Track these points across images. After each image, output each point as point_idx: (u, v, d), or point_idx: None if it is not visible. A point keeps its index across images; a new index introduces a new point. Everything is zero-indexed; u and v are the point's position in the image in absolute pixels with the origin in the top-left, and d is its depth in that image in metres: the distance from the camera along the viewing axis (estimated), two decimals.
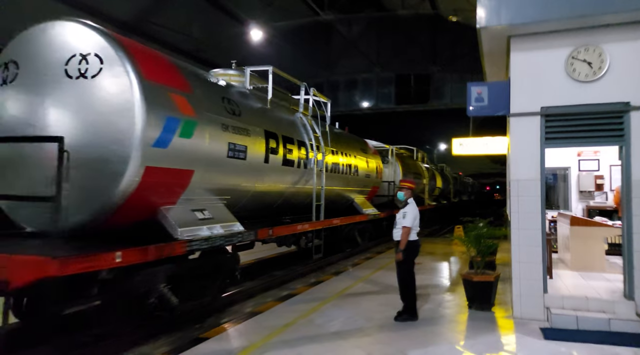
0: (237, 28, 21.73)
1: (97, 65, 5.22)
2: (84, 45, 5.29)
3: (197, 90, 6.47)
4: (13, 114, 5.47)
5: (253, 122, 7.63)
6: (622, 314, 5.59)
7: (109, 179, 5.13)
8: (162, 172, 5.59)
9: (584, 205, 10.41)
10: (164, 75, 5.90)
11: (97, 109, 5.16)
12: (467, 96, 6.58)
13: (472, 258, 6.93)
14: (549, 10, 5.80)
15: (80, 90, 5.22)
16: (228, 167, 6.88)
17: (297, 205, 9.76)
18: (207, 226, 6.23)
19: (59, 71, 5.30)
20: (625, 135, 5.79)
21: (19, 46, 5.58)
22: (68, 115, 5.24)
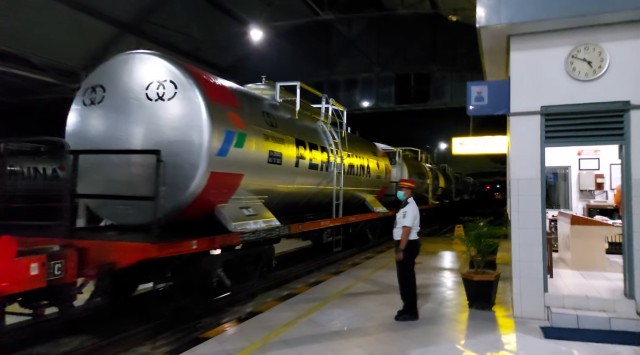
0: (237, 28, 21.71)
1: (172, 90, 6.42)
2: (160, 74, 6.51)
3: (245, 106, 7.71)
4: (101, 129, 6.66)
5: (286, 132, 8.84)
6: (622, 312, 5.59)
7: (182, 183, 6.25)
8: (221, 176, 6.75)
9: (585, 204, 10.41)
10: (222, 96, 7.09)
11: (172, 125, 6.34)
12: (467, 95, 6.58)
13: (472, 257, 6.93)
14: (548, 9, 5.80)
15: (158, 110, 6.43)
16: (268, 171, 8.05)
17: (318, 204, 10.84)
18: (252, 221, 7.39)
19: (140, 95, 6.53)
20: (625, 134, 5.79)
21: (104, 73, 6.84)
22: (148, 131, 6.43)
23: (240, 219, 7.14)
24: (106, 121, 6.66)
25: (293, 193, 9.27)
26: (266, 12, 20.84)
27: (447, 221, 25.72)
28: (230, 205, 7.19)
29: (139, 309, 7.06)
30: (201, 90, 6.45)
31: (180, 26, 19.79)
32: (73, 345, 5.58)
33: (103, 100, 6.71)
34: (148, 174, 6.01)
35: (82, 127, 6.78)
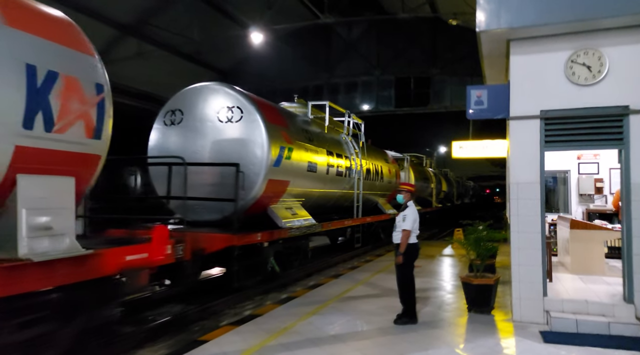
0: (238, 31, 21.74)
1: (239, 114, 8.17)
2: (229, 101, 8.27)
3: (290, 125, 9.40)
4: (179, 145, 8.31)
5: (319, 145, 10.52)
6: (622, 317, 5.58)
7: (248, 188, 7.91)
8: (275, 182, 8.44)
9: (584, 209, 10.41)
10: (276, 118, 8.82)
11: (239, 142, 8.08)
12: (466, 99, 6.59)
13: (471, 261, 6.93)
14: (548, 13, 5.81)
15: (227, 130, 8.17)
16: (306, 178, 9.72)
17: (341, 206, 12.50)
18: (296, 219, 9.10)
19: (213, 118, 8.28)
20: (625, 139, 5.80)
21: (182, 99, 8.56)
22: (220, 146, 8.15)
23: (287, 217, 8.89)
24: (184, 138, 8.36)
25: (323, 196, 11.00)
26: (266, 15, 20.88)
27: (447, 225, 25.72)
28: (279, 205, 8.95)
29: (138, 313, 7.05)
30: (261, 114, 8.19)
31: (181, 29, 19.83)
32: None
33: (182, 122, 8.44)
34: (217, 181, 7.85)
35: (163, 143, 8.53)
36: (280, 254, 9.00)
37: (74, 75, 4.55)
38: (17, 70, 3.97)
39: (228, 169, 7.63)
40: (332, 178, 11.01)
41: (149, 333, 6.05)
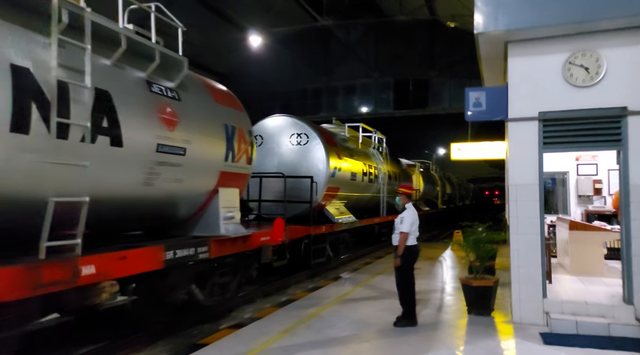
0: (236, 34, 21.81)
1: (305, 139, 11.08)
2: (298, 129, 11.23)
3: (338, 144, 12.41)
4: (260, 162, 10.63)
5: (357, 158, 13.40)
6: (621, 318, 5.58)
7: (314, 193, 10.61)
8: (331, 189, 11.48)
9: (583, 210, 10.42)
10: (330, 141, 11.85)
11: (307, 160, 11.01)
12: (465, 101, 6.60)
13: (471, 263, 6.92)
14: (546, 16, 5.83)
15: (297, 151, 11.12)
16: (350, 185, 12.64)
17: (369, 207, 15.02)
18: (343, 217, 12.10)
19: (286, 141, 11.27)
20: (623, 140, 5.81)
21: (262, 127, 11.38)
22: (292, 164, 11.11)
23: (337, 215, 11.87)
24: (264, 157, 11.06)
25: (359, 199, 13.70)
26: (265, 18, 20.95)
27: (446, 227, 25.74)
28: (331, 206, 11.95)
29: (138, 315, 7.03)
30: (322, 138, 11.24)
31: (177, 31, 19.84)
32: None
33: (262, 144, 11.25)
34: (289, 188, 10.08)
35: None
36: (332, 243, 11.90)
37: (241, 127, 7.40)
38: (221, 129, 6.87)
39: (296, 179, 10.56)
40: (365, 184, 13.88)
41: (149, 336, 6.03)
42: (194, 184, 6.35)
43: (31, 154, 3.93)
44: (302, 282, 10.08)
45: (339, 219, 11.71)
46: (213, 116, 6.78)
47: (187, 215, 6.68)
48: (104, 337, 5.90)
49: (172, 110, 5.82)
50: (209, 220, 6.83)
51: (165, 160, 5.60)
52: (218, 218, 6.80)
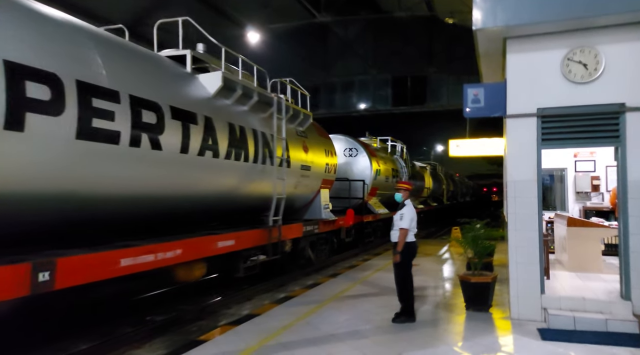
0: (234, 30, 21.70)
1: (355, 152, 14.95)
2: (349, 144, 14.99)
3: (377, 155, 16.11)
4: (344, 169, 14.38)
5: (388, 164, 17.21)
6: (619, 314, 5.60)
7: (362, 192, 14.34)
8: (373, 189, 15.12)
9: (581, 206, 10.44)
10: (372, 152, 15.38)
11: (357, 168, 14.71)
12: (463, 97, 6.59)
13: (469, 259, 6.93)
14: (544, 12, 5.82)
15: (350, 161, 14.77)
16: (383, 185, 16.15)
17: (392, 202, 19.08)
18: (380, 209, 15.55)
19: (341, 154, 14.32)
20: (621, 136, 5.81)
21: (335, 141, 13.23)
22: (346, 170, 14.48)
23: (377, 207, 15.47)
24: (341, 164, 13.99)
25: (388, 196, 16.18)
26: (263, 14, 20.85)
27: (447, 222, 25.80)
28: (372, 202, 15.36)
29: (137, 313, 7.04)
30: (367, 151, 15.09)
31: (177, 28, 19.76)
32: None
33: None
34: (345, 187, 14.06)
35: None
36: (374, 229, 15.65)
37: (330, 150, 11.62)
38: (323, 153, 11.03)
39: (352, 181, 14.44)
40: (392, 184, 16.70)
41: (147, 333, 6.03)
42: (311, 187, 10.51)
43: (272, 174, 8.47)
44: (301, 278, 10.09)
45: (378, 210, 15.35)
46: (319, 145, 10.96)
47: (302, 205, 10.76)
48: (102, 334, 5.90)
49: (305, 144, 10.07)
50: (315, 209, 10.97)
51: (304, 174, 9.88)
52: (320, 208, 10.92)
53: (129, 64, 5.80)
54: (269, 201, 8.34)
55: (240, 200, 7.85)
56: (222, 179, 7.13)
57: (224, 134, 6.95)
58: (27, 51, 4.25)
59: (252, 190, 8.02)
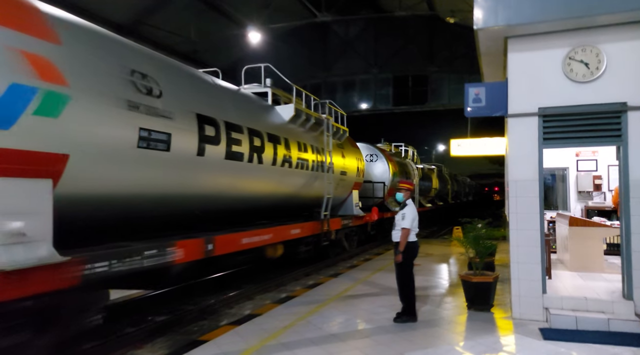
0: (234, 30, 21.70)
1: (376, 158, 17.01)
2: (370, 151, 16.99)
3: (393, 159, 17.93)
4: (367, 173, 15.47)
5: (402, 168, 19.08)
6: (621, 314, 5.58)
7: (381, 192, 16.47)
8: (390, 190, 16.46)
9: (583, 206, 10.41)
10: (389, 158, 17.52)
11: (377, 171, 16.80)
12: (464, 97, 6.57)
13: (470, 259, 6.92)
14: (545, 10, 5.80)
15: (372, 166, 16.70)
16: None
17: None
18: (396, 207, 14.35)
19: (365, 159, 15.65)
20: (623, 135, 5.79)
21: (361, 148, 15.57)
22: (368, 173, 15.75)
23: (393, 206, 16.54)
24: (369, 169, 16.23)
25: None
26: (264, 14, 20.83)
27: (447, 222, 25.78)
28: (389, 200, 16.84)
29: (138, 313, 7.04)
30: (385, 157, 17.00)
31: (178, 28, 19.78)
32: None
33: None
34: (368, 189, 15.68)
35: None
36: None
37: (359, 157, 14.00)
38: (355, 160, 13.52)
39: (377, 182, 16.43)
40: None
41: (148, 333, 6.03)
42: (346, 188, 12.79)
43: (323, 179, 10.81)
44: (302, 278, 10.08)
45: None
46: (351, 154, 13.26)
47: (338, 203, 12.63)
48: (103, 334, 5.90)
49: (342, 154, 12.37)
50: (348, 207, 13.13)
51: (342, 178, 12.06)
52: (352, 205, 13.12)
53: (246, 106, 8.47)
54: (321, 200, 10.72)
55: (303, 199, 10.38)
56: (294, 183, 9.61)
57: (295, 150, 9.36)
58: (205, 108, 6.63)
59: (311, 191, 10.40)
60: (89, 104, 4.65)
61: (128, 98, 5.14)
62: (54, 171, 4.25)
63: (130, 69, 5.34)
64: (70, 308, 4.53)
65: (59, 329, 4.40)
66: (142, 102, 5.31)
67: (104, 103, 4.84)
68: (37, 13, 4.47)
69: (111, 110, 4.92)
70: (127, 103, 5.11)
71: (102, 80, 4.92)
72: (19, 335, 4.01)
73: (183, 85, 6.55)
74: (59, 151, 4.29)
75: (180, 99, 6.14)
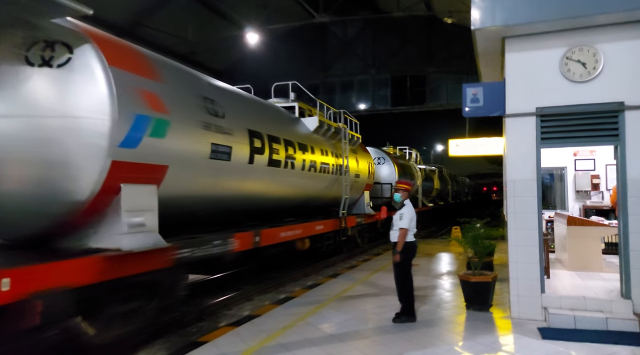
0: (233, 31, 21.70)
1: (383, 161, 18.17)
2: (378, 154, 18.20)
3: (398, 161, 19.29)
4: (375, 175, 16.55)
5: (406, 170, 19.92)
6: (619, 313, 5.59)
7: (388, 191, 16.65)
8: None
9: (581, 205, 10.43)
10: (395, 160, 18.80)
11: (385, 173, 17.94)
12: (462, 97, 6.58)
13: (469, 259, 6.93)
14: (543, 11, 5.82)
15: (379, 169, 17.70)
16: None
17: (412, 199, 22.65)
18: None
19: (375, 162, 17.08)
20: (620, 135, 5.81)
21: None
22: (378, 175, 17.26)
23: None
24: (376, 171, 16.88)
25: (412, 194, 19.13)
26: (262, 15, 20.85)
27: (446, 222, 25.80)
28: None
29: None
30: (392, 160, 18.07)
31: (176, 30, 19.78)
32: None
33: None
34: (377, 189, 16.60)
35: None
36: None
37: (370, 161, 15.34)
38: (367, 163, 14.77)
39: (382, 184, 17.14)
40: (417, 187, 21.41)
41: (147, 334, 6.02)
42: (359, 189, 13.81)
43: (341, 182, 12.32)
44: (301, 279, 10.08)
45: None
46: (363, 158, 14.27)
47: (352, 203, 13.45)
48: None
49: (356, 158, 13.44)
50: (360, 206, 14.25)
51: (356, 180, 13.15)
52: (364, 205, 14.32)
53: (281, 119, 9.79)
54: (338, 199, 12.10)
55: (323, 199, 11.70)
56: (318, 185, 10.84)
57: (319, 156, 10.66)
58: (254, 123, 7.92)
59: (330, 192, 11.70)
60: (181, 126, 5.98)
61: (203, 120, 6.45)
62: (159, 178, 5.61)
63: (203, 97, 6.68)
64: (168, 283, 5.81)
65: (160, 298, 5.73)
66: (212, 123, 6.63)
67: (189, 125, 6.18)
68: (149, 59, 5.98)
69: (194, 130, 6.24)
70: (203, 124, 6.42)
71: (188, 107, 6.26)
72: (136, 302, 5.36)
73: (238, 106, 7.98)
74: (162, 163, 5.63)
75: (237, 118, 7.46)
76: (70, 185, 4.67)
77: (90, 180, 4.70)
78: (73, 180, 4.67)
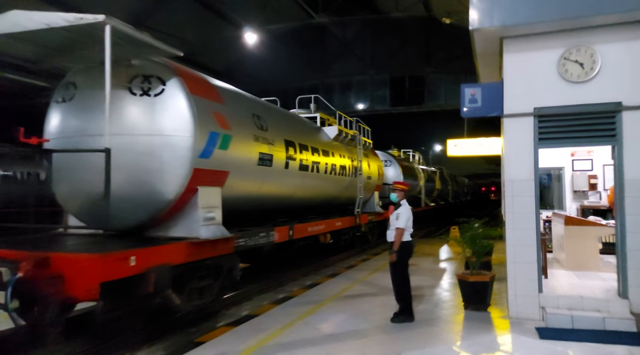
0: (232, 31, 21.71)
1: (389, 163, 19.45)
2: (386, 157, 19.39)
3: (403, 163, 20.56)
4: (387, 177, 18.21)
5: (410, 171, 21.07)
6: (616, 312, 5.62)
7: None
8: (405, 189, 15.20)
9: (578, 205, 10.47)
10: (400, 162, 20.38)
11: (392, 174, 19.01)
12: (460, 97, 6.61)
13: (467, 258, 6.95)
14: (541, 11, 5.84)
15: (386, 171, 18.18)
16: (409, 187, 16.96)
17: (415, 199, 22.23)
18: None
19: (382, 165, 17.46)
20: (618, 135, 5.84)
21: None
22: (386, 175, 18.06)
23: None
24: None
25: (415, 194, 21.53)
26: (261, 15, 20.87)
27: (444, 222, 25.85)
28: None
29: None
30: (397, 162, 19.57)
31: (176, 30, 19.74)
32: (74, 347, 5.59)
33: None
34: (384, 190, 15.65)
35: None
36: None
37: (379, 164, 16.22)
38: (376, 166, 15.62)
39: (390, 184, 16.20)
40: (413, 186, 21.05)
41: (146, 334, 6.03)
42: (370, 190, 14.65)
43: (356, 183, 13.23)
44: (300, 279, 10.10)
45: None
46: (374, 161, 15.20)
47: (363, 202, 13.86)
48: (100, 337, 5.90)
49: (368, 162, 14.34)
50: (371, 205, 14.94)
51: (367, 182, 13.94)
52: (374, 204, 15.07)
53: (307, 129, 10.91)
54: (353, 199, 13.06)
55: (340, 198, 12.67)
56: (337, 186, 11.84)
57: (338, 160, 11.74)
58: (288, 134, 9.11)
59: (346, 192, 12.66)
60: (239, 138, 7.15)
61: (254, 133, 7.67)
62: (222, 182, 6.80)
63: (252, 113, 7.96)
64: (228, 266, 6.97)
65: (223, 278, 6.94)
66: (260, 135, 7.83)
67: (245, 138, 7.38)
68: (214, 86, 7.20)
69: (247, 142, 7.45)
70: (253, 136, 7.63)
71: (243, 123, 7.50)
72: (208, 280, 6.61)
73: (277, 120, 9.14)
74: (225, 169, 6.79)
75: (277, 130, 8.62)
76: (164, 188, 5.88)
77: (177, 183, 5.92)
78: (166, 183, 5.88)
